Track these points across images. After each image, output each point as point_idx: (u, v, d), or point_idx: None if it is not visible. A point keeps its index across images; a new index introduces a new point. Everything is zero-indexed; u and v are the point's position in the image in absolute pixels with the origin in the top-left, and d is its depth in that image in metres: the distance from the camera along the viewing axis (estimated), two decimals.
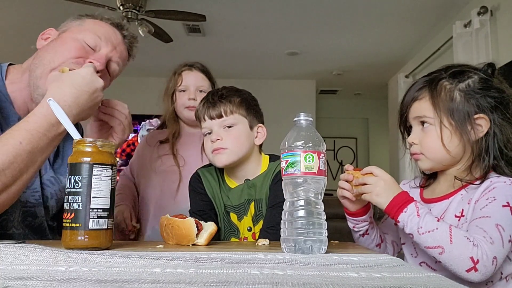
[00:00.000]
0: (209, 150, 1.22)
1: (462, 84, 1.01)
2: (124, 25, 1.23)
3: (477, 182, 0.99)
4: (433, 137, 1.02)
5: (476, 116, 0.99)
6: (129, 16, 3.49)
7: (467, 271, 0.86)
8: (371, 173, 1.02)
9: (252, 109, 1.26)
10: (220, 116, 1.21)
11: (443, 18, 3.96)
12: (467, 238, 0.88)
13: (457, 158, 1.02)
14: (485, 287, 0.93)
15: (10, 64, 1.17)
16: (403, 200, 0.96)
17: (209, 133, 1.23)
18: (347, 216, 1.14)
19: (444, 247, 0.89)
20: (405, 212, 0.95)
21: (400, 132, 1.15)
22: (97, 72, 1.06)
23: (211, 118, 1.22)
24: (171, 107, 1.67)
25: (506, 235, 0.89)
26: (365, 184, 1.01)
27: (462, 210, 0.99)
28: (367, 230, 1.14)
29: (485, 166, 0.99)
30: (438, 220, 0.93)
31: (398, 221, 0.96)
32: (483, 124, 0.99)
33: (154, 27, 3.73)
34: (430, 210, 1.05)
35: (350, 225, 1.15)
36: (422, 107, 1.04)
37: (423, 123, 1.04)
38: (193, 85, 1.64)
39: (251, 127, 1.25)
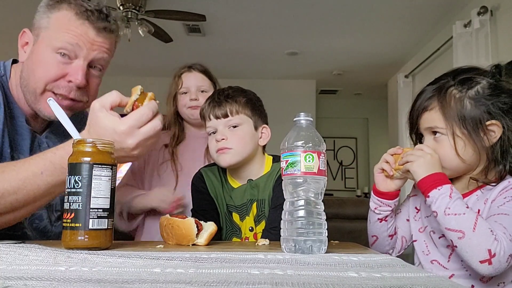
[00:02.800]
0: (214, 150, 1.22)
1: (471, 92, 1.00)
2: (93, 8, 1.07)
3: (493, 184, 0.99)
4: (447, 147, 1.01)
5: (488, 122, 0.98)
6: (129, 16, 3.49)
7: (481, 262, 0.86)
8: (422, 149, 1.01)
9: (257, 109, 1.27)
10: (226, 116, 1.21)
11: (443, 18, 3.96)
12: (491, 231, 0.87)
13: (472, 166, 1.02)
14: None
15: (13, 61, 1.16)
16: (441, 179, 0.96)
17: (214, 133, 1.24)
18: (373, 194, 1.12)
19: (466, 233, 0.88)
20: (439, 190, 0.95)
21: (412, 141, 1.13)
22: (79, 88, 1.05)
23: (217, 117, 1.22)
24: (172, 109, 1.68)
25: None
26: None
27: (478, 210, 0.98)
28: (386, 217, 1.12)
29: (500, 170, 0.99)
30: (467, 207, 0.92)
31: (428, 196, 0.96)
32: (495, 130, 0.98)
33: (154, 27, 3.73)
34: None
35: (372, 205, 1.12)
36: (433, 118, 1.03)
37: (435, 132, 1.03)
38: (194, 85, 1.64)
39: (256, 128, 1.25)
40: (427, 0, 3.66)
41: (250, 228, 1.24)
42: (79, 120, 1.04)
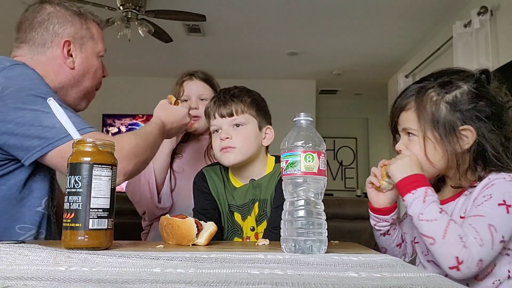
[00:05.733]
0: (217, 148, 1.23)
1: (449, 96, 1.00)
2: (100, 18, 1.36)
3: (475, 184, 0.99)
4: (417, 149, 1.02)
5: (461, 127, 0.98)
6: (129, 16, 3.48)
7: (450, 268, 0.88)
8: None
9: (262, 110, 1.27)
10: (231, 115, 1.21)
11: (443, 18, 3.96)
12: (461, 238, 0.88)
13: (440, 169, 1.02)
14: (492, 286, 0.93)
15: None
16: (417, 181, 0.97)
17: (217, 131, 1.24)
18: (369, 211, 1.13)
19: (436, 240, 0.90)
20: (413, 194, 0.95)
21: (392, 139, 1.14)
22: (104, 76, 1.36)
23: (222, 116, 1.22)
24: None
25: (497, 236, 0.88)
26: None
27: (465, 210, 0.98)
28: (388, 231, 1.12)
29: (477, 175, 0.99)
30: (441, 212, 0.92)
31: (404, 200, 0.97)
32: (469, 135, 0.98)
33: (154, 27, 3.73)
34: None
35: (372, 222, 1.13)
36: (408, 119, 1.04)
37: (409, 133, 1.04)
38: (194, 94, 1.64)
39: (260, 128, 1.25)
40: (427, 0, 3.66)
41: (252, 228, 1.24)
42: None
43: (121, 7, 3.47)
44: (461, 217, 0.99)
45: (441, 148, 0.99)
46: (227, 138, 1.20)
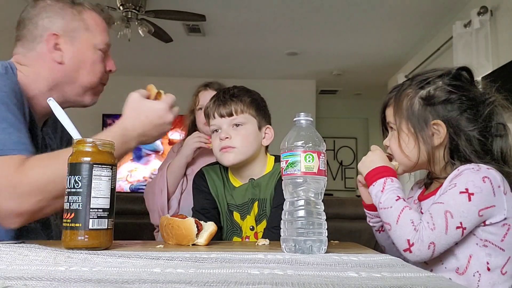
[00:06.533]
0: (217, 148, 1.23)
1: (423, 92, 1.05)
2: (102, 8, 1.27)
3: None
4: (394, 142, 1.09)
5: (432, 122, 1.02)
6: (129, 16, 3.49)
7: (404, 250, 0.93)
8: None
9: (262, 110, 1.27)
10: (230, 115, 1.21)
11: (443, 18, 3.96)
12: (412, 222, 0.93)
13: (414, 162, 1.06)
14: (473, 279, 0.94)
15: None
16: (378, 173, 1.03)
17: (217, 131, 1.24)
18: (364, 209, 1.18)
19: (391, 225, 0.96)
20: (374, 185, 1.02)
21: (382, 132, 1.21)
22: (110, 71, 1.23)
23: (221, 116, 1.22)
24: (191, 122, 1.84)
25: (453, 222, 0.91)
26: None
27: None
28: (382, 226, 1.15)
29: (454, 166, 1.02)
30: (397, 200, 0.97)
31: (369, 193, 1.04)
32: (440, 129, 1.02)
33: (154, 27, 3.73)
34: (422, 208, 1.08)
35: (367, 219, 1.18)
36: (389, 113, 1.11)
37: (391, 127, 1.11)
38: None
39: (260, 128, 1.25)
40: (427, 0, 3.66)
41: (251, 227, 1.24)
42: None
43: (121, 7, 3.47)
44: None
45: (414, 141, 1.05)
46: (227, 138, 1.20)
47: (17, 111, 1.00)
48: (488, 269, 0.94)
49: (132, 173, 5.87)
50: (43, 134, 1.18)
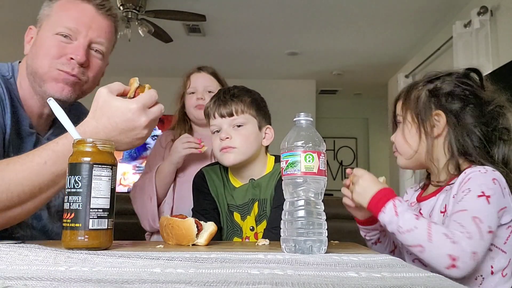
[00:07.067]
0: (217, 148, 1.23)
1: (431, 85, 1.08)
2: None
3: (454, 180, 1.00)
4: (399, 133, 1.10)
5: (434, 112, 1.04)
6: (129, 16, 3.49)
7: (447, 268, 0.86)
8: (355, 175, 1.05)
9: (262, 110, 1.27)
10: (231, 115, 1.21)
11: (443, 18, 3.96)
12: (446, 235, 0.87)
13: (414, 149, 1.06)
14: (475, 282, 0.93)
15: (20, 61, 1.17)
16: (380, 198, 0.98)
17: (218, 131, 1.24)
18: (358, 225, 1.16)
19: (424, 245, 0.89)
20: (384, 212, 0.96)
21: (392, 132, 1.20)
22: (81, 65, 1.08)
23: (222, 116, 1.22)
24: (180, 109, 1.70)
25: (484, 226, 0.88)
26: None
27: (446, 205, 1.00)
28: (379, 239, 1.14)
29: (455, 163, 1.02)
30: (417, 218, 0.93)
31: (380, 221, 0.98)
32: (441, 120, 1.04)
33: (154, 27, 3.73)
34: (421, 208, 1.07)
35: (362, 233, 1.16)
36: (398, 107, 1.13)
37: (399, 122, 1.12)
38: (201, 85, 1.65)
39: (260, 128, 1.26)
40: (427, 0, 3.66)
41: (251, 228, 1.24)
42: (79, 113, 1.05)
43: (121, 7, 3.47)
44: (441, 212, 1.00)
45: (415, 128, 1.06)
46: (227, 138, 1.20)
47: None
48: (492, 273, 0.94)
49: (125, 176, 5.85)
50: (46, 140, 1.15)
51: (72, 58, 1.08)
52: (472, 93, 1.03)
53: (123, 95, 0.92)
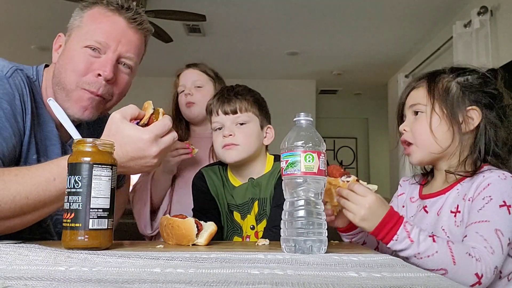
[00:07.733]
0: (219, 145, 1.23)
1: (460, 78, 1.04)
2: (125, 5, 1.11)
3: (469, 175, 0.99)
4: (423, 123, 1.03)
5: (469, 108, 1.00)
6: None
7: (472, 286, 0.86)
8: (358, 195, 0.93)
9: (263, 109, 1.28)
10: (235, 112, 1.22)
11: (443, 18, 3.96)
12: (469, 255, 0.86)
13: (443, 147, 1.01)
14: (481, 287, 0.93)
15: (46, 65, 1.16)
16: (388, 224, 0.91)
17: (220, 128, 1.24)
18: (340, 233, 1.09)
19: (448, 269, 0.86)
20: (396, 240, 0.90)
21: (397, 123, 1.14)
22: (108, 80, 1.06)
23: (225, 113, 1.22)
24: (174, 109, 1.69)
25: (505, 239, 0.88)
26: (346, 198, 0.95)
27: (458, 205, 0.98)
28: (364, 240, 1.11)
29: (475, 159, 1.00)
30: (434, 240, 0.89)
31: (389, 247, 0.92)
32: (474, 117, 1.00)
33: (154, 27, 3.72)
34: (426, 206, 1.05)
35: (346, 240, 1.09)
36: (418, 95, 1.06)
37: (416, 112, 1.05)
38: (189, 81, 1.65)
39: (262, 127, 1.26)
40: (427, 0, 3.66)
41: (251, 227, 1.24)
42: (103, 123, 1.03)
43: None
44: (452, 212, 0.99)
45: (446, 123, 1.00)
46: (230, 135, 1.21)
47: (2, 115, 0.95)
48: (500, 277, 0.94)
49: None
50: (69, 146, 1.13)
51: (99, 75, 1.06)
52: (500, 94, 1.02)
53: (137, 118, 0.93)
